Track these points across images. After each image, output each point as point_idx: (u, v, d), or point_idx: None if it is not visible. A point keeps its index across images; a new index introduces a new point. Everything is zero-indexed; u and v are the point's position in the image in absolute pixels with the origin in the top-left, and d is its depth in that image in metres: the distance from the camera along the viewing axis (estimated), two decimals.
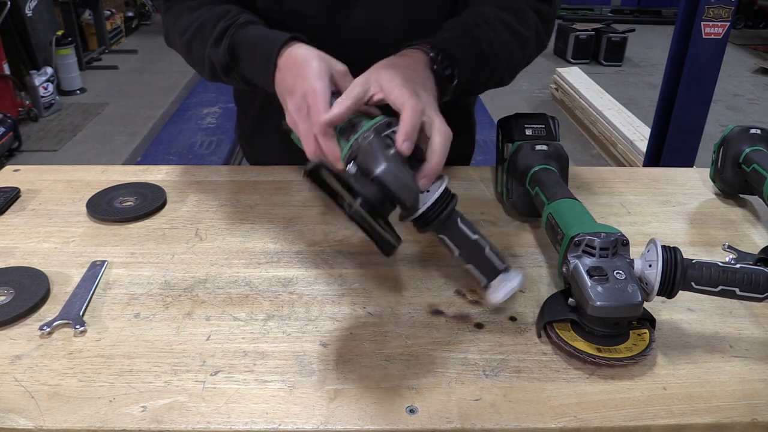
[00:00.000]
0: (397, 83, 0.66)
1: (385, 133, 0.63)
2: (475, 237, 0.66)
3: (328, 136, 0.65)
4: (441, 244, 0.68)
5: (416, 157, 0.63)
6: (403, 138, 0.62)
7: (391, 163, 0.60)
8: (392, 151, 0.61)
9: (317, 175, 0.56)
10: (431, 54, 0.75)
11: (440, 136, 0.64)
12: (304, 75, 0.69)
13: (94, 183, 0.95)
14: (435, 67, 0.74)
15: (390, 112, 0.66)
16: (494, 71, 0.85)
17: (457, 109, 1.03)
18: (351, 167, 0.63)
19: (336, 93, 0.68)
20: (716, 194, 0.97)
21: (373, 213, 0.57)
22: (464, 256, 0.66)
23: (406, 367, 0.61)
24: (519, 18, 0.86)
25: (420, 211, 0.64)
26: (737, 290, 0.62)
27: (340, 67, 0.71)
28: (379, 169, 0.60)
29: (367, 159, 0.61)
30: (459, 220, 0.67)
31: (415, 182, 0.63)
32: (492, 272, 0.66)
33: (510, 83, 0.89)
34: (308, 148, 0.67)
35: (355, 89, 0.67)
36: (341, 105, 0.65)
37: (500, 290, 0.65)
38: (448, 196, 0.66)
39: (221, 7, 0.85)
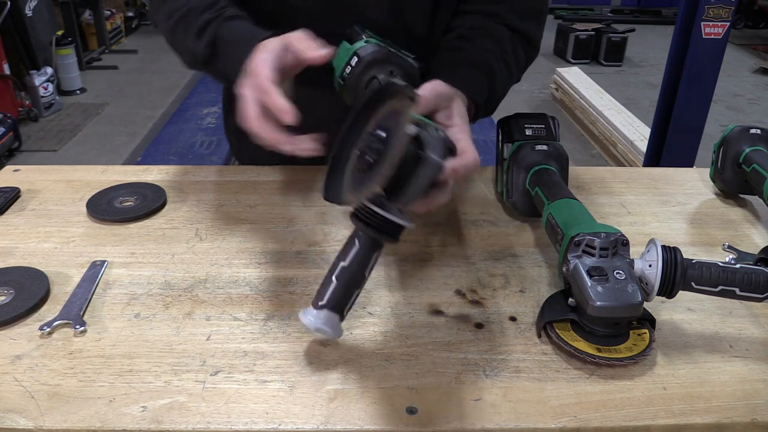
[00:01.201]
0: (467, 131, 0.71)
1: (445, 140, 0.65)
2: (366, 274, 0.61)
3: (270, 92, 0.66)
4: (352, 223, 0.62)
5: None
6: (454, 169, 0.64)
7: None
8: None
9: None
10: (473, 110, 0.80)
11: (447, 196, 0.67)
12: (253, 58, 0.71)
13: (94, 183, 0.95)
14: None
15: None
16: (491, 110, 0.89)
17: None
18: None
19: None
20: (716, 194, 0.97)
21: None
22: (341, 270, 0.60)
23: (406, 367, 0.61)
24: (516, 59, 0.89)
25: (390, 216, 0.59)
26: (737, 290, 0.62)
27: (296, 34, 0.71)
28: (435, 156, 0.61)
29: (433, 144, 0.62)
30: (377, 253, 0.61)
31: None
32: (338, 306, 0.60)
33: None
34: (249, 111, 0.67)
35: (437, 90, 0.70)
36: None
37: (309, 318, 0.59)
38: (400, 233, 0.61)
39: None
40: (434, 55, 0.90)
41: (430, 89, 0.71)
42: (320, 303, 0.59)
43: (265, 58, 0.69)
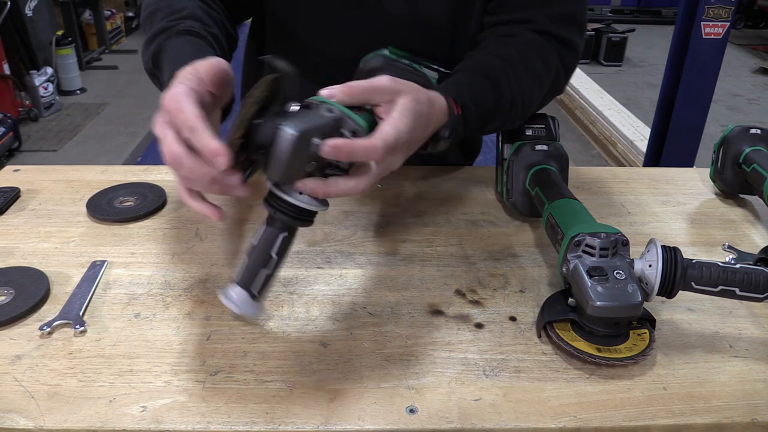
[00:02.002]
0: (398, 124, 0.61)
1: (336, 120, 0.60)
2: (273, 256, 0.62)
3: (197, 130, 0.56)
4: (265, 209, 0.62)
5: (331, 166, 0.60)
6: (333, 146, 0.56)
7: (298, 126, 0.55)
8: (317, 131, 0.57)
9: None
10: (450, 119, 0.72)
11: (355, 185, 0.60)
12: (169, 89, 0.60)
13: (94, 183, 0.95)
14: (445, 131, 0.71)
15: None
16: (507, 121, 0.83)
17: None
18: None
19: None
20: (716, 194, 0.97)
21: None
22: (251, 248, 0.62)
23: (406, 367, 0.61)
24: (544, 62, 0.83)
25: (286, 196, 0.60)
26: (737, 290, 0.62)
27: (205, 63, 0.62)
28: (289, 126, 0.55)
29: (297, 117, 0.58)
30: (284, 234, 0.62)
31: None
32: (245, 282, 0.61)
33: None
34: (174, 153, 0.58)
35: (374, 84, 0.62)
36: (346, 87, 0.61)
37: (228, 298, 0.61)
38: (306, 216, 0.62)
39: (180, 2, 0.78)
40: (461, 48, 0.87)
41: (363, 83, 0.63)
42: (233, 279, 0.62)
43: (182, 91, 0.58)
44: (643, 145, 3.24)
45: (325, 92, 0.61)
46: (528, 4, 0.84)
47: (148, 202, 0.88)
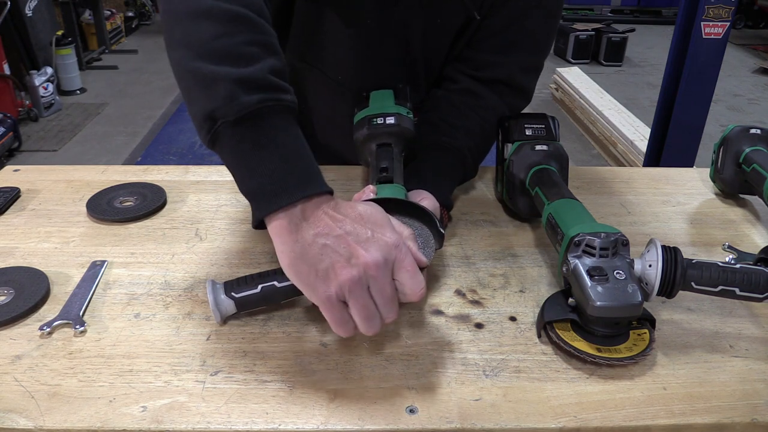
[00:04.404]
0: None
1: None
2: (282, 300, 0.67)
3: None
4: None
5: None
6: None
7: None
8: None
9: None
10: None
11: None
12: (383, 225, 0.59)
13: (94, 183, 0.95)
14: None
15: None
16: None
17: None
18: None
19: None
20: (716, 194, 0.97)
21: None
22: (272, 287, 0.65)
23: (406, 367, 0.61)
24: (496, 118, 0.91)
25: None
26: (737, 290, 0.62)
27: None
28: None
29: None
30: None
31: None
32: (240, 304, 0.65)
33: None
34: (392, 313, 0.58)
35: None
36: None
37: (214, 294, 0.64)
38: None
39: (263, 24, 0.63)
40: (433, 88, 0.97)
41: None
42: (233, 294, 0.65)
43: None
44: (643, 145, 3.23)
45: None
46: (501, 49, 0.91)
47: (148, 202, 0.88)
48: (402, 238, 0.58)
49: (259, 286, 0.64)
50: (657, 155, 2.71)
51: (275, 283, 0.64)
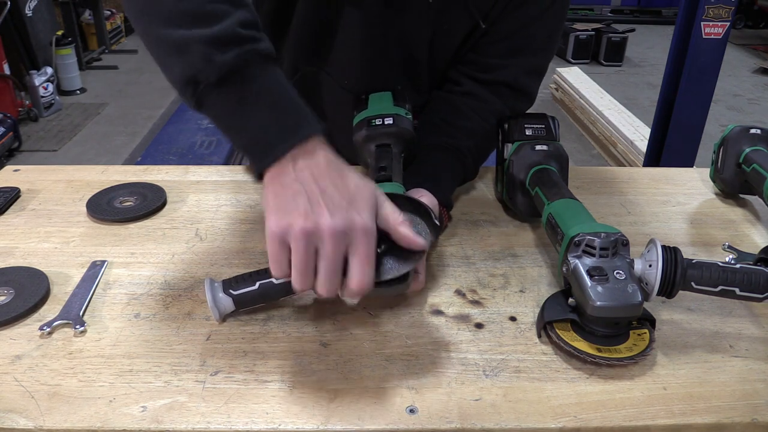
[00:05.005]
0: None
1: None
2: (277, 298, 0.68)
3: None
4: None
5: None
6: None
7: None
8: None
9: None
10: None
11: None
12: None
13: (94, 183, 0.95)
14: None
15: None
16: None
17: None
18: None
19: None
20: (716, 194, 0.97)
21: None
22: (268, 283, 0.66)
23: (406, 367, 0.61)
24: (496, 121, 0.91)
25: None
26: (737, 290, 0.62)
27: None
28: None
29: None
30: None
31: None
32: (237, 301, 0.66)
33: None
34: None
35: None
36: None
37: (213, 292, 0.65)
38: None
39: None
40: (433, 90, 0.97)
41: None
42: (231, 291, 0.65)
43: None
44: (643, 145, 3.23)
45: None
46: (506, 53, 0.91)
47: (148, 202, 0.88)
48: (372, 231, 0.57)
49: (257, 283, 0.65)
50: (657, 155, 2.71)
51: (273, 280, 0.65)
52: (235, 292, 0.65)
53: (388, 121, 0.84)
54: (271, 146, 0.58)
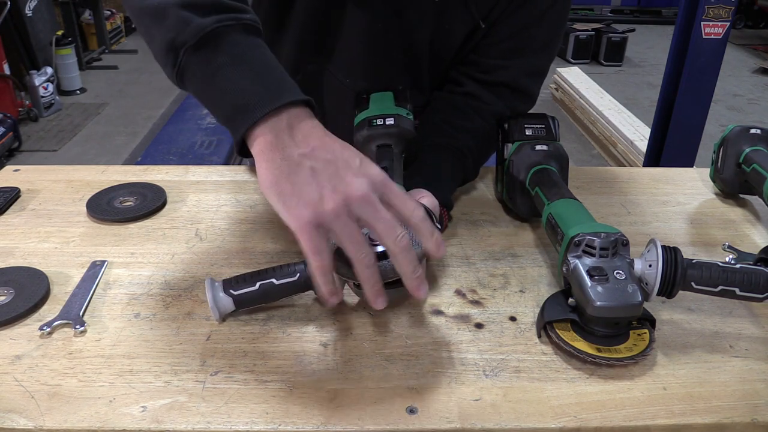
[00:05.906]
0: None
1: None
2: (277, 298, 0.68)
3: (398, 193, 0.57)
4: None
5: None
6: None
7: None
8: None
9: None
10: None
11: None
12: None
13: (94, 183, 0.95)
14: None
15: None
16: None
17: None
18: None
19: None
20: (716, 194, 0.97)
21: None
22: (270, 283, 0.66)
23: (406, 367, 0.61)
24: (496, 123, 0.91)
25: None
26: (737, 290, 0.62)
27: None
28: None
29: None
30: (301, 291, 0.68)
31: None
32: (237, 301, 0.66)
33: None
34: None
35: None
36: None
37: (214, 292, 0.65)
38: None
39: None
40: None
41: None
42: (231, 291, 0.65)
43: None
44: (643, 145, 3.23)
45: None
46: (507, 54, 0.91)
47: (148, 202, 0.88)
48: (387, 177, 0.55)
49: (258, 284, 0.65)
50: (657, 155, 2.71)
51: (273, 280, 0.65)
52: (235, 292, 0.65)
53: (390, 121, 0.84)
54: (256, 105, 0.54)
